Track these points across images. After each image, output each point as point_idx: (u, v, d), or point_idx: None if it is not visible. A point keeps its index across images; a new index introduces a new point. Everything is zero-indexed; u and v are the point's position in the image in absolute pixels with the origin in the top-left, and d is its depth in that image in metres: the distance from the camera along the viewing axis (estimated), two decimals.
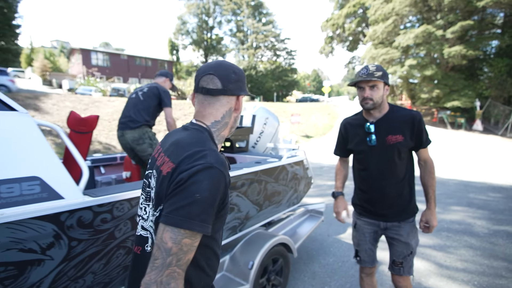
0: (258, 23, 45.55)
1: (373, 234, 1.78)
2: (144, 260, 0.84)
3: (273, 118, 3.64)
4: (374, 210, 1.72)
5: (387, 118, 1.63)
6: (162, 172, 0.81)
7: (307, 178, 3.04)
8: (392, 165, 1.62)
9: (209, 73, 0.91)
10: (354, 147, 1.75)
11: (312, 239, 3.43)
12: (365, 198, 1.77)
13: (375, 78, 1.51)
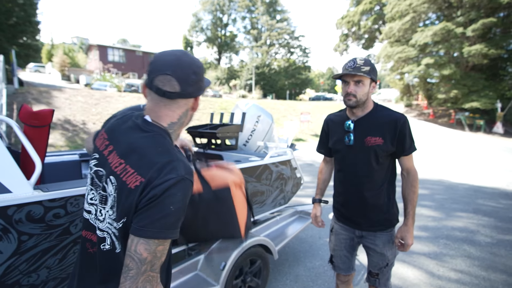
0: (272, 20, 45.28)
1: (349, 241, 1.65)
2: (101, 257, 0.82)
3: (266, 116, 3.57)
4: (349, 216, 1.61)
5: (369, 118, 1.48)
6: (127, 185, 0.76)
7: (295, 178, 2.96)
8: (369, 169, 1.47)
9: (166, 73, 0.81)
10: (332, 145, 1.64)
11: (301, 241, 3.35)
12: (340, 201, 1.66)
13: (361, 73, 1.36)
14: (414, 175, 1.49)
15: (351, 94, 1.43)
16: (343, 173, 1.61)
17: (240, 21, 48.51)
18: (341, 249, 1.69)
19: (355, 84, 1.41)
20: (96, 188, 0.85)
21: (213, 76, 42.31)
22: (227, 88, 38.25)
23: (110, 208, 0.80)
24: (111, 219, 0.80)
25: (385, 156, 1.46)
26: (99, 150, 0.87)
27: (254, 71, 39.36)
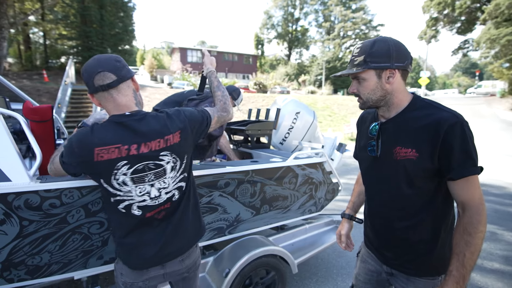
0: (347, 10, 42.41)
1: (376, 275, 1.26)
2: (172, 210, 1.18)
3: (307, 113, 3.26)
4: (376, 246, 1.23)
5: (400, 119, 1.04)
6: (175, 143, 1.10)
7: (330, 183, 2.60)
8: (398, 194, 1.05)
9: (98, 72, 1.01)
10: (357, 152, 1.29)
11: (339, 254, 2.97)
12: (368, 225, 1.27)
13: (353, 70, 1.03)
14: (472, 214, 0.93)
15: (354, 94, 1.10)
16: (368, 189, 1.23)
17: (312, 14, 47.06)
18: (365, 281, 1.30)
19: (357, 82, 1.07)
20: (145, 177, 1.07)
21: (283, 72, 42.27)
22: (296, 84, 37.71)
23: (171, 171, 1.12)
24: (176, 178, 1.14)
25: (424, 178, 0.99)
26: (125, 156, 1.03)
27: (324, 66, 37.71)
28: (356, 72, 1.03)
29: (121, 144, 1.02)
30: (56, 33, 21.69)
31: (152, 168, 1.08)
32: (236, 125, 3.14)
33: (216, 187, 1.87)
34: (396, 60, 0.99)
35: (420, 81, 25.25)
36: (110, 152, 1.01)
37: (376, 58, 0.99)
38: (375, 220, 1.20)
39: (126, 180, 1.06)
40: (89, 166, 1.04)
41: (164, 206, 1.15)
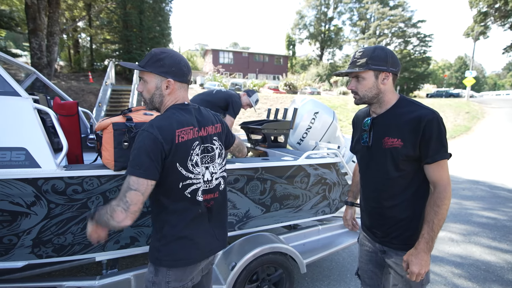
0: (384, 7, 40.50)
1: (374, 255, 1.42)
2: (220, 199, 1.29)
3: (326, 113, 3.21)
4: (369, 226, 1.40)
5: (389, 115, 1.25)
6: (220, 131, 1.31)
7: (346, 185, 2.55)
8: (386, 176, 1.24)
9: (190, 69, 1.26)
10: (353, 145, 1.47)
11: (354, 259, 2.88)
12: (362, 207, 1.46)
13: (355, 69, 1.22)
14: (441, 191, 1.14)
15: (352, 91, 1.27)
16: (361, 176, 1.43)
17: (346, 13, 45.65)
18: (366, 262, 1.47)
19: (356, 80, 1.26)
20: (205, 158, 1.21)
21: (314, 72, 41.55)
22: (327, 85, 36.85)
23: (218, 157, 1.26)
24: (221, 165, 1.29)
25: (407, 162, 1.19)
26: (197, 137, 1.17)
27: None
28: (359, 72, 1.21)
29: (193, 126, 1.16)
30: (101, 37, 23.54)
31: (209, 150, 1.22)
32: (254, 124, 3.19)
33: (226, 183, 1.93)
34: (391, 66, 1.20)
35: (465, 81, 23.34)
36: (188, 133, 1.14)
37: (376, 61, 1.19)
38: (368, 203, 1.37)
39: (198, 161, 1.17)
40: (171, 151, 1.09)
41: (214, 194, 1.24)
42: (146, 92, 1.18)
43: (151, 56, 1.15)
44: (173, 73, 1.16)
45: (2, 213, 1.46)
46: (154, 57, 1.14)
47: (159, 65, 1.14)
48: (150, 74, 1.16)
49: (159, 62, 1.14)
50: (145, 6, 22.70)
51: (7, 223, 1.49)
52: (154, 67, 1.14)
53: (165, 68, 1.14)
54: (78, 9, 17.55)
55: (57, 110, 1.66)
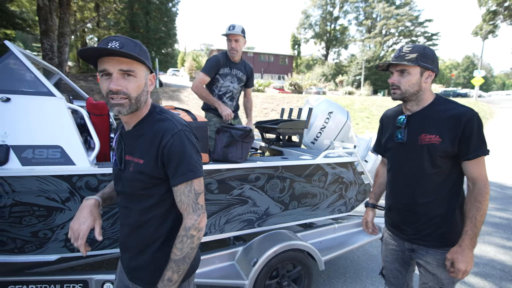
0: (390, 6, 40.23)
1: (401, 254, 1.42)
2: None
3: (340, 113, 3.24)
4: (397, 223, 1.40)
5: (426, 112, 1.27)
6: None
7: (362, 184, 2.58)
8: (421, 173, 1.25)
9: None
10: (384, 143, 1.47)
11: (369, 257, 2.91)
12: (389, 205, 1.46)
13: (403, 62, 1.22)
14: (481, 187, 1.16)
15: (394, 85, 1.27)
16: (392, 173, 1.42)
17: (352, 13, 45.44)
18: (392, 261, 1.47)
19: (400, 74, 1.26)
20: None
21: (319, 72, 41.46)
22: (333, 85, 36.74)
23: None
24: None
25: (444, 159, 1.21)
26: None
27: (364, 65, 36.21)
28: (407, 65, 1.22)
29: None
30: None
31: None
32: (269, 123, 3.23)
33: (247, 181, 1.98)
34: (436, 66, 1.24)
35: (473, 81, 23.07)
36: None
37: (425, 59, 1.21)
38: (399, 200, 1.36)
39: None
40: None
41: None
42: (134, 89, 0.90)
43: (139, 45, 0.92)
44: (152, 68, 1.00)
45: (39, 208, 1.53)
46: (141, 47, 0.93)
47: (146, 56, 0.93)
48: (141, 67, 0.92)
49: (145, 53, 0.94)
50: (152, 7, 22.96)
51: (43, 217, 1.56)
52: (145, 57, 0.91)
53: (149, 61, 0.96)
54: (88, 10, 17.83)
55: (90, 109, 1.72)
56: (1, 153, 1.43)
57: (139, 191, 0.96)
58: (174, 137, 0.92)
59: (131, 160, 0.96)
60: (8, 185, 1.44)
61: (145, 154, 0.93)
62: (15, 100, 1.54)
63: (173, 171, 0.92)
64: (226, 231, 2.06)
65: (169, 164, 0.92)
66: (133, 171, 0.94)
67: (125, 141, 0.99)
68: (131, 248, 1.02)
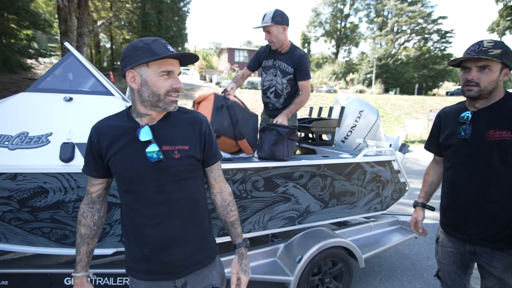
0: (402, 3, 39.50)
1: (460, 256, 1.37)
2: None
3: (371, 111, 3.23)
4: (457, 223, 1.34)
5: (495, 108, 1.23)
6: None
7: (398, 183, 2.57)
8: (490, 170, 1.21)
9: None
10: (443, 140, 1.41)
11: (402, 256, 2.90)
12: (446, 204, 1.41)
13: (488, 57, 1.15)
14: None
15: (472, 82, 1.20)
16: (453, 171, 1.37)
17: (363, 10, 44.83)
18: (449, 263, 1.43)
19: (479, 70, 1.20)
20: None
21: (329, 70, 41.11)
22: (343, 83, 36.38)
23: None
24: None
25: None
26: None
27: (375, 63, 35.74)
28: (491, 61, 1.16)
29: None
30: (121, 38, 24.18)
31: None
32: (299, 122, 3.25)
33: (291, 178, 2.00)
34: (511, 63, 1.20)
35: None
36: None
37: (509, 57, 1.18)
38: (462, 199, 1.31)
39: None
40: None
41: None
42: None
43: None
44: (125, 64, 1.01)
45: None
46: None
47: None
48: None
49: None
50: (164, 6, 23.16)
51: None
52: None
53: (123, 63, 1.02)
54: (105, 11, 18.14)
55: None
56: (68, 150, 1.49)
57: (186, 174, 1.03)
58: (208, 124, 1.11)
59: (172, 149, 0.99)
60: (74, 181, 1.51)
61: (189, 140, 1.03)
62: (77, 99, 1.60)
63: (212, 152, 1.11)
64: (269, 228, 2.09)
65: (209, 146, 1.09)
66: (181, 157, 1.00)
67: (156, 133, 0.98)
68: (188, 239, 1.04)
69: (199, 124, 1.07)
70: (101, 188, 1.09)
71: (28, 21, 10.69)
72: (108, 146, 0.99)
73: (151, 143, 0.96)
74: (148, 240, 1.00)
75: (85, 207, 1.08)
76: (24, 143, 1.47)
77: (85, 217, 1.07)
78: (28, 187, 1.47)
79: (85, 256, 1.07)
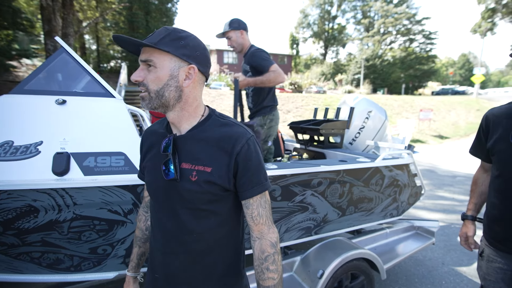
0: (388, 5, 40.30)
1: (509, 274, 1.25)
2: None
3: (379, 112, 3.11)
4: (509, 238, 1.22)
5: None
6: None
7: (414, 187, 2.45)
8: None
9: None
10: (491, 144, 1.29)
11: (417, 262, 2.78)
12: (495, 216, 1.28)
13: None
14: None
15: None
16: (504, 179, 1.23)
17: (350, 11, 45.45)
18: (496, 280, 1.29)
19: None
20: None
21: (318, 71, 41.40)
22: (332, 84, 36.68)
23: None
24: None
25: None
26: None
27: (363, 64, 36.24)
28: None
29: None
30: (107, 39, 23.52)
31: None
32: (305, 124, 3.10)
33: (310, 186, 1.84)
34: None
35: (473, 78, 23.14)
36: None
37: None
38: (509, 211, 1.19)
39: None
40: None
41: None
42: (152, 81, 0.78)
43: (168, 32, 0.78)
44: (198, 60, 0.82)
45: (100, 222, 1.38)
46: (173, 34, 0.78)
47: (180, 45, 0.78)
48: (164, 56, 0.77)
49: (179, 41, 0.78)
50: (152, 7, 22.68)
51: (104, 232, 1.41)
52: (172, 46, 0.77)
53: (188, 50, 0.80)
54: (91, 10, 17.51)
55: (155, 112, 1.57)
56: (62, 161, 1.28)
57: (203, 205, 0.81)
58: (249, 143, 0.82)
59: (190, 168, 0.80)
60: (69, 198, 1.29)
61: (213, 161, 0.80)
62: (72, 102, 1.39)
63: (249, 180, 0.82)
64: (285, 240, 1.92)
65: (244, 173, 0.81)
66: (198, 181, 0.79)
67: (179, 147, 0.82)
68: (194, 284, 0.85)
69: (234, 141, 0.80)
70: None
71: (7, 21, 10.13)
72: (146, 152, 0.93)
73: (168, 158, 0.80)
74: (156, 267, 0.88)
75: (141, 211, 1.06)
76: (9, 154, 1.25)
77: (139, 219, 1.06)
78: (14, 206, 1.25)
79: (136, 257, 1.05)
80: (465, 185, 5.87)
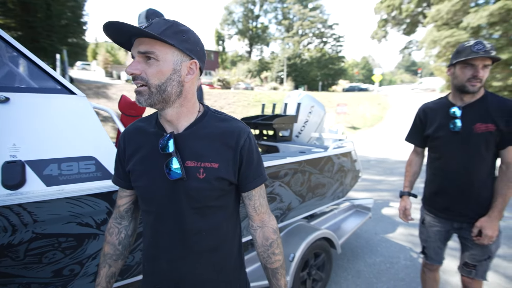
0: (304, 9, 43.99)
1: (444, 233, 1.61)
2: None
3: (319, 107, 3.47)
4: (447, 206, 1.54)
5: (480, 104, 1.42)
6: None
7: (354, 171, 2.84)
8: (478, 158, 1.42)
9: None
10: (432, 132, 1.56)
11: (357, 236, 3.25)
12: (436, 191, 1.59)
13: (493, 57, 1.31)
14: None
15: (477, 78, 1.35)
16: (444, 160, 1.54)
17: (271, 12, 47.83)
18: (434, 241, 1.65)
19: (483, 68, 1.36)
20: None
21: (244, 68, 42.42)
22: (258, 81, 38.13)
23: None
24: None
25: (493, 145, 1.39)
26: None
27: (285, 63, 38.77)
28: (493, 60, 1.34)
29: None
30: None
31: None
32: (256, 119, 3.22)
33: (278, 177, 1.96)
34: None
35: (374, 77, 27.43)
36: None
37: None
38: (453, 184, 1.49)
39: None
40: None
41: None
42: (154, 74, 0.73)
43: (170, 24, 0.74)
44: (198, 55, 0.80)
45: (67, 238, 1.19)
46: (175, 27, 0.75)
47: (182, 38, 0.75)
48: (167, 49, 0.74)
49: (182, 34, 0.75)
50: None
51: (71, 249, 1.22)
52: (176, 39, 0.74)
53: (190, 45, 0.77)
54: None
55: (125, 110, 1.40)
56: (15, 172, 1.06)
57: (211, 202, 0.81)
58: (250, 136, 0.85)
59: (196, 166, 0.79)
60: (28, 215, 1.08)
61: (218, 157, 0.80)
62: (17, 100, 1.15)
63: (252, 172, 0.85)
64: None
65: (248, 166, 0.84)
66: (206, 178, 0.79)
67: (181, 145, 0.80)
68: (207, 283, 0.85)
69: (237, 135, 0.82)
70: (130, 201, 0.92)
71: None
72: (132, 153, 0.85)
73: (172, 157, 0.77)
74: (159, 277, 0.84)
75: (112, 222, 0.94)
76: None
77: (110, 233, 0.93)
78: None
79: (104, 280, 0.91)
80: (377, 168, 7.01)
